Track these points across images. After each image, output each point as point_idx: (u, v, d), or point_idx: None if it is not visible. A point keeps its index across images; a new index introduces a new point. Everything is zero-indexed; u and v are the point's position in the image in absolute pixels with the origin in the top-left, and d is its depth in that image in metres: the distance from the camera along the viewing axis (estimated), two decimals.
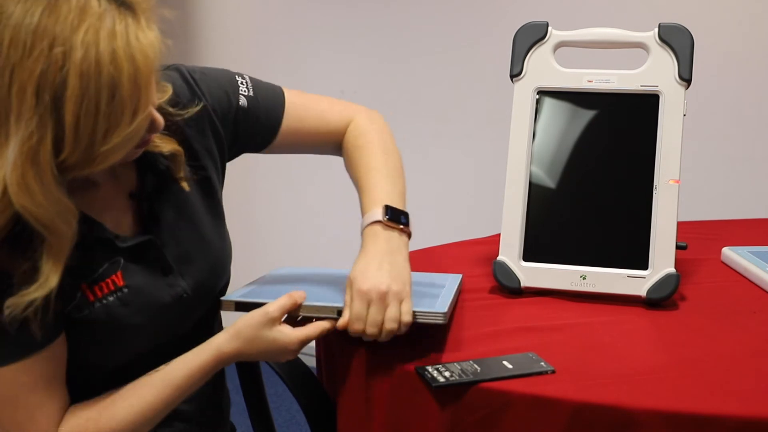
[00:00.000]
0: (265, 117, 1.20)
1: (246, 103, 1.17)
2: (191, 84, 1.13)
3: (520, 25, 1.37)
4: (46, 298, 0.91)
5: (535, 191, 1.34)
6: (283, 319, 1.07)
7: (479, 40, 2.59)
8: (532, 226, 1.33)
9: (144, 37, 0.88)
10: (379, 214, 1.11)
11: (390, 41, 2.75)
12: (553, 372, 1.02)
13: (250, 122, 1.18)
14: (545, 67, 1.35)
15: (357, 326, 1.03)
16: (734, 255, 1.48)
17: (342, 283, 1.22)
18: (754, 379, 1.02)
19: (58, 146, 0.86)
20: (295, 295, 1.07)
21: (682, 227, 1.31)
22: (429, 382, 1.01)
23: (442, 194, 2.69)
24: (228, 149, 1.18)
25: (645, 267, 1.28)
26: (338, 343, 1.18)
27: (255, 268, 1.57)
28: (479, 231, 1.66)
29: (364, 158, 1.21)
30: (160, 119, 0.96)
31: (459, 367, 1.03)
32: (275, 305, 1.05)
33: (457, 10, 2.62)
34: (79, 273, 0.98)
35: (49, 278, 0.90)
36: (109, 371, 1.06)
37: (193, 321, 1.14)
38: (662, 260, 1.27)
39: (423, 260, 1.42)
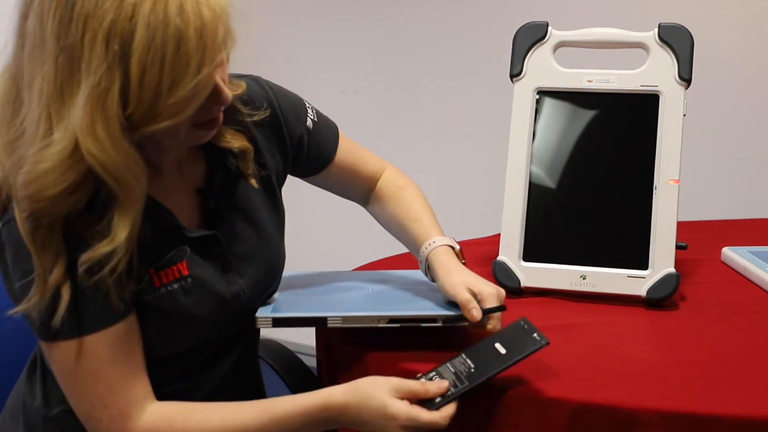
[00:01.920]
0: (324, 144, 1.25)
1: (311, 126, 1.22)
2: (267, 92, 1.17)
3: (520, 25, 1.37)
4: (128, 267, 0.94)
5: (535, 191, 1.34)
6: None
7: (479, 40, 2.59)
8: (532, 226, 1.33)
9: None
10: (452, 241, 1.20)
11: (390, 41, 2.75)
12: (548, 344, 1.00)
13: (312, 146, 1.22)
14: (545, 67, 1.35)
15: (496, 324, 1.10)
16: (734, 255, 1.48)
17: (365, 288, 1.25)
18: (754, 379, 1.02)
19: (125, 98, 0.88)
20: (430, 387, 0.99)
21: (682, 227, 1.31)
22: (427, 406, 0.98)
23: (442, 194, 2.68)
24: (290, 163, 1.21)
25: (645, 267, 1.28)
26: (338, 343, 1.18)
27: None
28: (479, 231, 1.66)
29: (413, 197, 1.29)
30: (227, 93, 0.98)
31: (452, 370, 1.00)
32: (402, 380, 0.99)
33: (457, 10, 2.62)
34: (148, 257, 1.01)
35: (118, 234, 0.92)
36: (156, 361, 1.06)
37: (245, 321, 1.14)
38: (662, 260, 1.27)
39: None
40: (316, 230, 2.97)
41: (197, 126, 0.98)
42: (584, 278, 1.29)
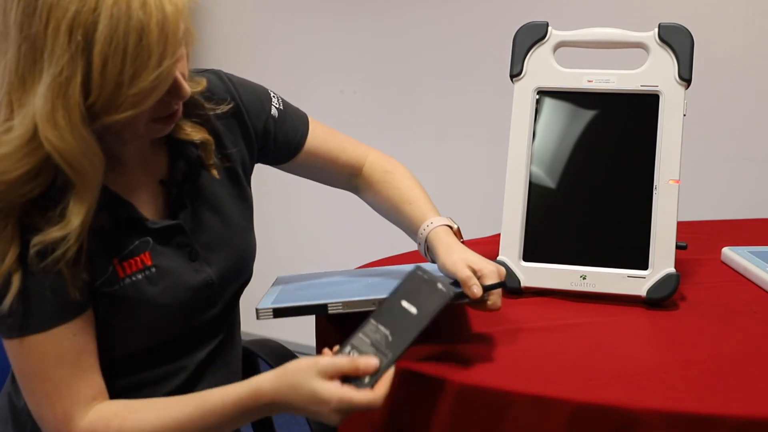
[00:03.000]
0: (293, 132, 1.26)
1: (276, 114, 1.23)
2: (228, 85, 1.18)
3: (520, 25, 1.37)
4: (77, 257, 0.95)
5: (535, 191, 1.34)
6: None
7: (479, 40, 2.59)
8: (532, 226, 1.33)
9: None
10: (450, 221, 1.21)
11: (390, 41, 2.75)
12: (455, 293, 0.99)
13: (279, 133, 1.24)
14: (545, 67, 1.35)
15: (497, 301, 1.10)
16: (734, 255, 1.48)
17: (363, 280, 1.25)
18: (754, 379, 1.02)
19: (86, 88, 0.90)
20: (360, 363, 0.95)
21: (682, 227, 1.31)
22: (357, 384, 0.94)
23: (442, 194, 2.67)
24: (257, 152, 1.23)
25: (645, 267, 1.28)
26: (338, 342, 1.18)
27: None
28: (479, 231, 1.66)
29: (403, 179, 1.29)
30: (186, 88, 0.99)
31: (368, 341, 0.97)
32: (328, 360, 0.96)
33: (457, 10, 2.62)
34: (111, 249, 1.03)
35: (71, 220, 0.94)
36: (127, 357, 1.07)
37: (216, 311, 1.15)
38: (662, 260, 1.27)
39: (422, 260, 1.42)
40: (316, 231, 2.97)
41: (156, 120, 1.00)
42: (584, 278, 1.29)
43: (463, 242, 1.18)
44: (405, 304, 0.99)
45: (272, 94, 1.25)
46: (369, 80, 2.80)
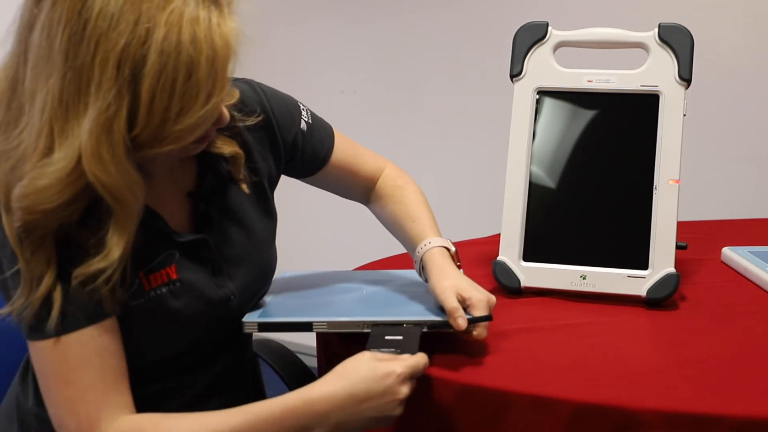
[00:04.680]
0: (320, 146, 1.25)
1: (306, 128, 1.22)
2: (260, 96, 1.17)
3: (520, 25, 1.37)
4: (122, 276, 0.94)
5: (535, 191, 1.34)
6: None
7: (479, 40, 2.59)
8: (532, 226, 1.33)
9: (225, 25, 0.91)
10: (448, 243, 1.20)
11: (390, 41, 2.75)
12: (424, 328, 1.05)
13: (306, 147, 1.23)
14: (545, 67, 1.35)
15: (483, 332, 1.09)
16: (734, 255, 1.48)
17: (360, 290, 1.25)
18: (754, 379, 1.02)
19: (132, 121, 0.88)
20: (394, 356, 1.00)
21: (682, 227, 1.31)
22: None
23: (442, 194, 2.68)
24: (283, 165, 1.22)
25: (645, 267, 1.28)
26: (338, 343, 1.18)
27: None
28: (479, 231, 1.66)
29: (411, 195, 1.29)
30: (226, 114, 0.98)
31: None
32: (377, 353, 0.99)
33: (457, 10, 2.62)
34: (138, 261, 1.00)
35: (112, 251, 0.92)
36: (138, 368, 1.05)
37: (235, 325, 1.14)
38: (662, 260, 1.27)
39: None
40: (317, 231, 2.98)
41: (192, 141, 0.97)
42: (584, 278, 1.29)
43: (459, 266, 1.18)
44: (388, 337, 1.03)
45: (302, 107, 1.23)
46: (369, 80, 2.80)
